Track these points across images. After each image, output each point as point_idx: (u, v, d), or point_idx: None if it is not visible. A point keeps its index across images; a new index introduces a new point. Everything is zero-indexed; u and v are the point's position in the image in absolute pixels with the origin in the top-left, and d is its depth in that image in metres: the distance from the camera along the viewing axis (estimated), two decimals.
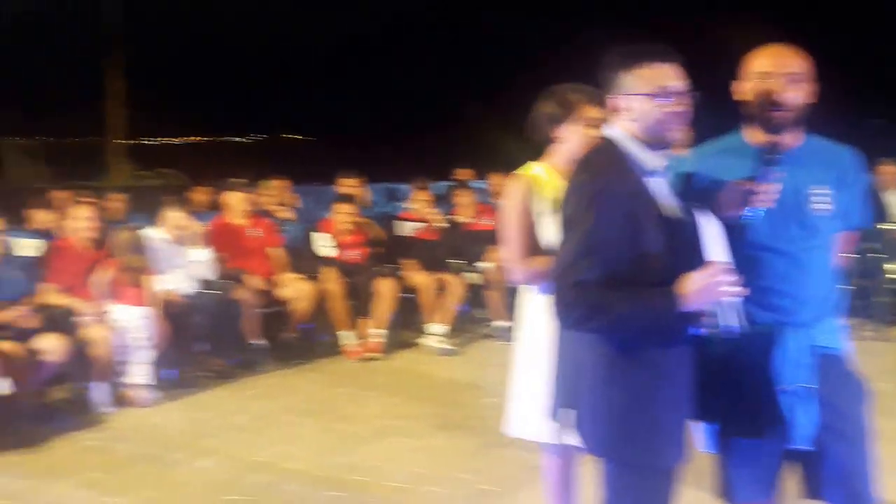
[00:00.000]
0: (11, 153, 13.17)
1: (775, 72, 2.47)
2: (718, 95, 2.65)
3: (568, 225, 2.25)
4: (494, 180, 8.51)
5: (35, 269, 5.79)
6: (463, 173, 9.17)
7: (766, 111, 2.47)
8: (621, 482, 2.28)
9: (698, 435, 2.53)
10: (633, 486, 2.27)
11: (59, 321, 5.45)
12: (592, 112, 2.96)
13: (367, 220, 7.74)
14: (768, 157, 2.41)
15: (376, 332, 6.85)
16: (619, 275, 2.15)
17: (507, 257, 3.17)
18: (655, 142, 2.27)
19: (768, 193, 2.37)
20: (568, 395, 2.37)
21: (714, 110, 2.71)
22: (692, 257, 2.23)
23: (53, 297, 5.61)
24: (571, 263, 2.18)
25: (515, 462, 4.54)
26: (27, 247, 6.24)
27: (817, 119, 2.59)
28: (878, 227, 7.30)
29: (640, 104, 2.24)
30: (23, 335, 5.13)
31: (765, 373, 2.43)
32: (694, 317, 2.20)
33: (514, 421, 3.28)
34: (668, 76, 2.25)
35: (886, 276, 7.49)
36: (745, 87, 2.53)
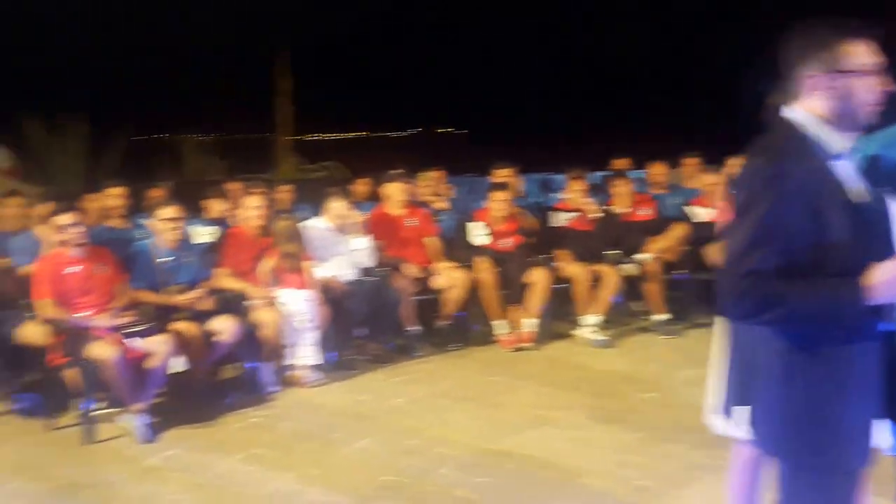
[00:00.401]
0: (189, 148, 14.02)
1: None
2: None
3: (741, 211, 2.12)
4: (654, 169, 8.27)
5: (210, 255, 6.13)
6: (620, 162, 8.93)
7: None
8: (798, 484, 2.14)
9: (884, 436, 2.35)
10: (811, 489, 2.12)
11: (231, 304, 5.75)
12: None
13: (521, 210, 7.71)
14: None
15: (529, 322, 6.82)
16: (796, 264, 2.01)
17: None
18: (847, 123, 2.12)
19: None
20: (741, 391, 2.25)
21: None
22: (881, 246, 2.06)
23: (226, 281, 5.92)
24: (744, 252, 2.06)
25: (677, 459, 4.41)
26: (203, 234, 6.62)
27: None
28: None
29: (839, 82, 2.10)
30: (198, 317, 5.44)
31: None
32: (881, 310, 2.04)
33: (709, 412, 3.18)
34: (869, 53, 2.10)
35: None
36: None
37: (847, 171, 2.13)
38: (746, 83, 3.15)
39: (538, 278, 6.87)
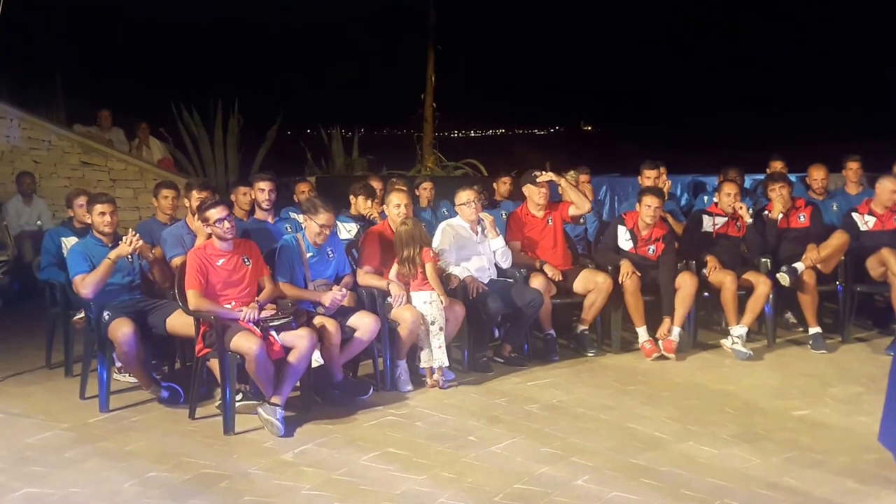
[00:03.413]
0: (336, 143, 14.35)
1: None
2: None
3: None
4: (814, 173, 7.78)
5: (352, 251, 6.20)
6: (778, 164, 8.43)
7: None
8: None
9: None
10: None
11: (370, 301, 5.80)
12: None
13: (668, 213, 7.43)
14: None
15: (673, 331, 6.55)
16: None
17: None
18: None
19: None
20: None
21: None
22: None
23: (367, 278, 5.96)
24: None
25: (827, 483, 4.14)
26: (347, 230, 6.72)
27: None
28: None
29: None
30: (339, 313, 5.51)
31: None
32: None
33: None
34: None
35: None
36: None
37: None
38: None
39: (684, 285, 6.59)
